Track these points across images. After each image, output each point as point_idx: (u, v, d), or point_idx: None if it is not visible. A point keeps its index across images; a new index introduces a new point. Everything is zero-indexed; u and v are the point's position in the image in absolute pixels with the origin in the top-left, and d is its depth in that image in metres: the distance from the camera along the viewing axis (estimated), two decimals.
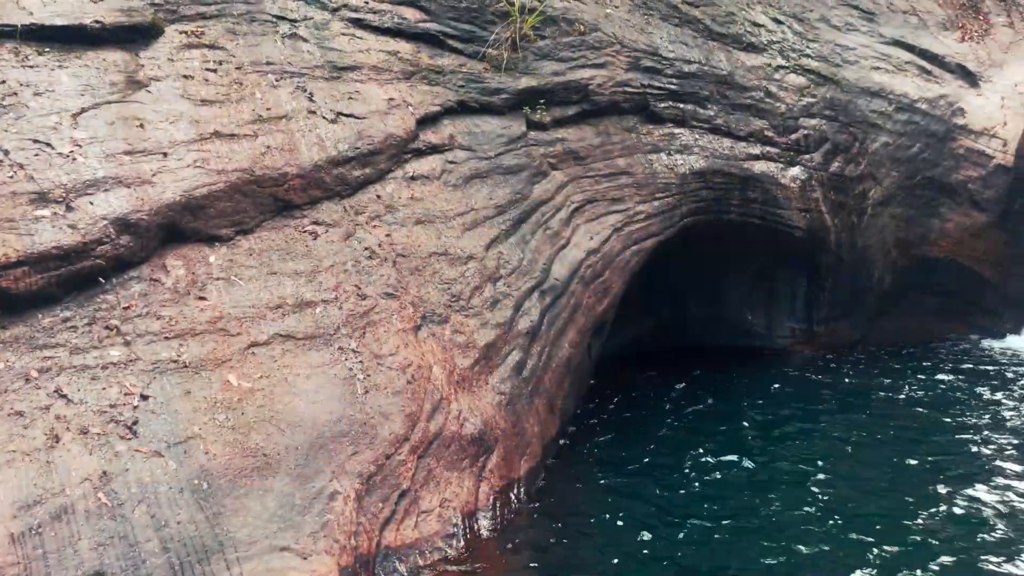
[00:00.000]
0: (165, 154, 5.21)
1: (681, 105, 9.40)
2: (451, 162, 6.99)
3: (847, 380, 9.32)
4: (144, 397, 4.38)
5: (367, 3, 7.27)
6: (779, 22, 10.68)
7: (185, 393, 4.51)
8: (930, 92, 11.01)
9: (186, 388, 4.53)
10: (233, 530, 4.14)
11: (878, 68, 10.98)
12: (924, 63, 11.35)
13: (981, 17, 12.55)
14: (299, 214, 5.75)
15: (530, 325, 6.65)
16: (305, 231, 5.68)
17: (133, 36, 5.73)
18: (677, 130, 9.36)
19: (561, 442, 7.06)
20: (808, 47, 10.65)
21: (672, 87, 9.32)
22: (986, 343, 10.79)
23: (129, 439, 4.20)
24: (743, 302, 10.50)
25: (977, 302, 11.17)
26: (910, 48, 11.39)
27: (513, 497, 5.80)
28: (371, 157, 6.32)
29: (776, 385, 9.08)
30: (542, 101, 8.05)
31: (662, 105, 9.25)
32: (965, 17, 12.37)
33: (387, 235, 6.07)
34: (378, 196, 6.28)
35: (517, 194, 7.35)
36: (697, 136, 9.49)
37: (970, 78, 11.44)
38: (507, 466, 5.79)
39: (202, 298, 4.94)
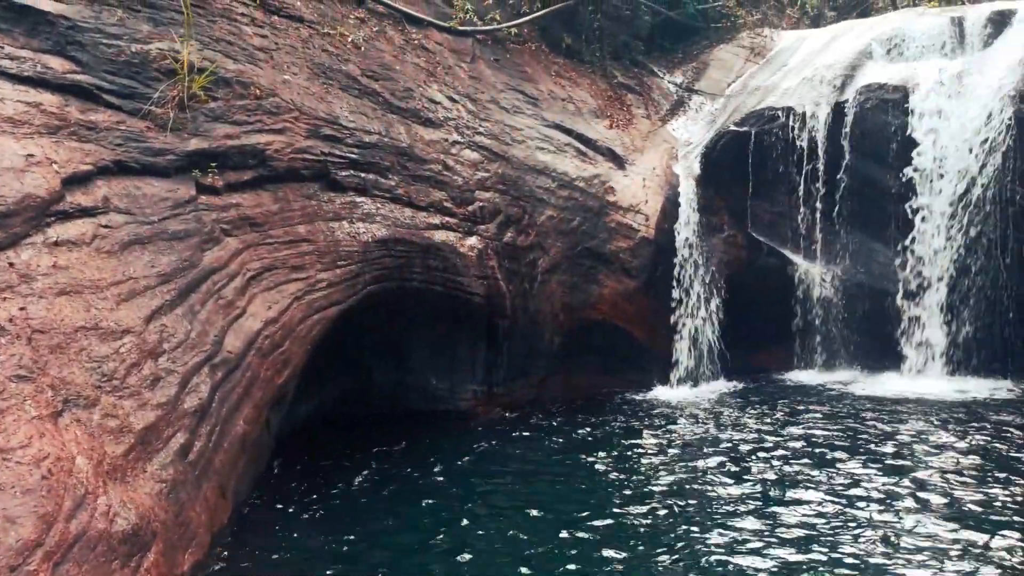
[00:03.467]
0: None
1: (363, 174, 9.53)
2: (105, 226, 6.35)
3: (521, 440, 9.81)
4: None
5: (2, 48, 6.46)
6: (454, 100, 11.33)
7: None
8: (586, 172, 12.31)
9: None
10: None
11: (542, 148, 12.07)
12: (580, 145, 12.70)
13: (625, 108, 14.40)
14: None
15: (198, 403, 6.17)
16: None
17: None
18: (359, 198, 9.45)
19: (234, 528, 6.58)
20: (481, 125, 11.41)
21: (353, 156, 9.42)
22: (639, 395, 12.10)
23: None
24: (427, 367, 10.74)
25: (630, 359, 12.51)
26: (568, 132, 12.70)
27: None
28: (2, 220, 5.53)
29: (456, 450, 9.27)
30: (214, 164, 7.68)
31: (343, 173, 9.30)
32: (612, 108, 14.11)
33: (21, 308, 5.30)
34: (11, 264, 5.49)
35: (185, 261, 6.87)
36: (379, 205, 9.66)
37: (618, 161, 13.00)
38: (168, 562, 5.24)
39: None
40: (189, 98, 7.62)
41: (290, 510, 7.33)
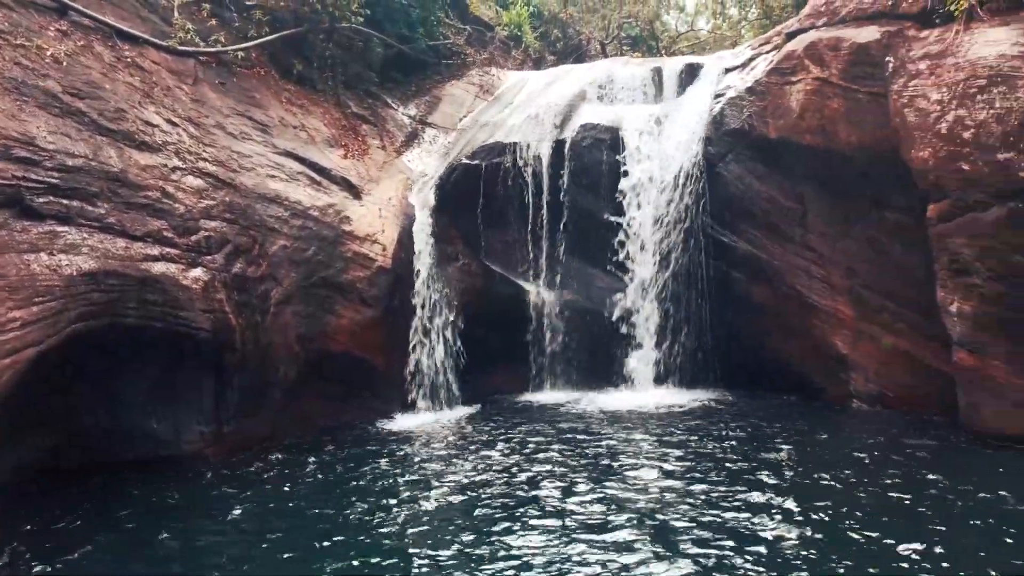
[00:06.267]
0: None
1: (65, 201, 8.66)
2: None
3: (249, 484, 9.24)
4: None
5: None
6: (174, 124, 10.66)
7: None
8: (320, 201, 12.13)
9: None
10: None
11: (273, 176, 11.71)
12: (314, 174, 12.49)
13: (360, 139, 14.42)
14: None
15: None
16: None
17: None
18: (61, 228, 8.57)
19: None
20: (205, 151, 10.84)
21: (53, 181, 8.54)
22: (380, 424, 12.04)
23: None
24: (147, 409, 9.86)
25: (371, 388, 12.44)
26: (301, 160, 12.45)
27: None
28: None
29: (173, 502, 8.53)
30: None
31: (41, 200, 8.39)
32: (347, 137, 14.07)
33: None
34: None
35: None
36: (86, 235, 8.82)
37: (353, 190, 12.96)
38: None
39: None
40: None
41: None
